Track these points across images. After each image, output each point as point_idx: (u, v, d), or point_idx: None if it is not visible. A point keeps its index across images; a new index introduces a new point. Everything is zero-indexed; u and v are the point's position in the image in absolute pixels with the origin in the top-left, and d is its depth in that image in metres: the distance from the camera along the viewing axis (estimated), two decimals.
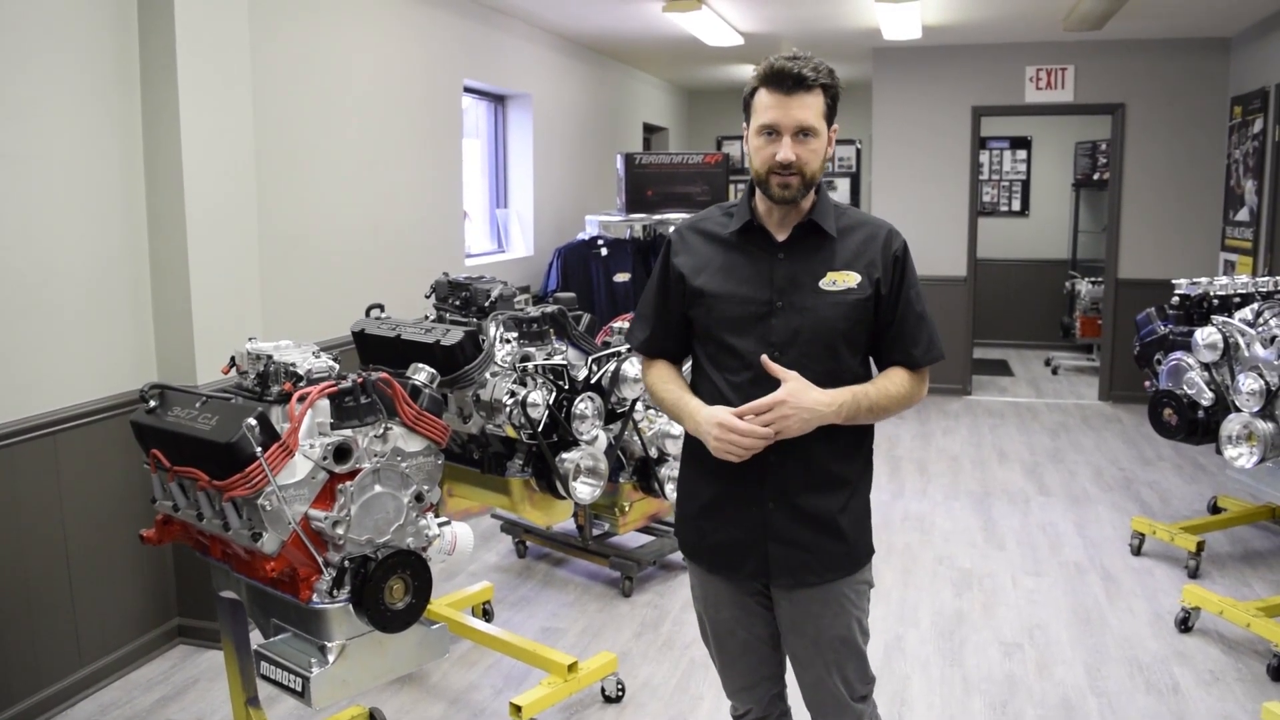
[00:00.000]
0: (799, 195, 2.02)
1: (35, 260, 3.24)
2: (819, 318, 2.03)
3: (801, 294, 2.04)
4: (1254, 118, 6.95)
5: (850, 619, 2.13)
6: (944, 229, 8.11)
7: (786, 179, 1.99)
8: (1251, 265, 6.82)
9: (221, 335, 3.70)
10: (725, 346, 2.08)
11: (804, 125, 1.98)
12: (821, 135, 2.01)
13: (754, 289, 2.07)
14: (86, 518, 3.46)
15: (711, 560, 2.18)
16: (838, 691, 2.16)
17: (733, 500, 2.11)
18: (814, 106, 1.99)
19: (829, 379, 2.01)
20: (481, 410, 2.95)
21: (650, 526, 4.55)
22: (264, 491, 2.12)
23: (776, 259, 2.07)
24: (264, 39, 4.15)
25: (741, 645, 2.23)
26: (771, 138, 2.00)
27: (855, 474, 2.13)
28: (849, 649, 2.15)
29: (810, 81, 1.98)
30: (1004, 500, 5.58)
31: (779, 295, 2.05)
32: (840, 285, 2.04)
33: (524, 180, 7.29)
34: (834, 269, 2.05)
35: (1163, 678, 3.56)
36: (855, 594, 2.14)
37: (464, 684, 3.56)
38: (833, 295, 2.03)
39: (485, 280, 3.47)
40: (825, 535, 2.08)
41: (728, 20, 7.01)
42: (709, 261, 2.13)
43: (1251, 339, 3.77)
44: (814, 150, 2.00)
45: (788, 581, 2.11)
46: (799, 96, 1.97)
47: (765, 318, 2.05)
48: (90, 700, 3.44)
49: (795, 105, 1.97)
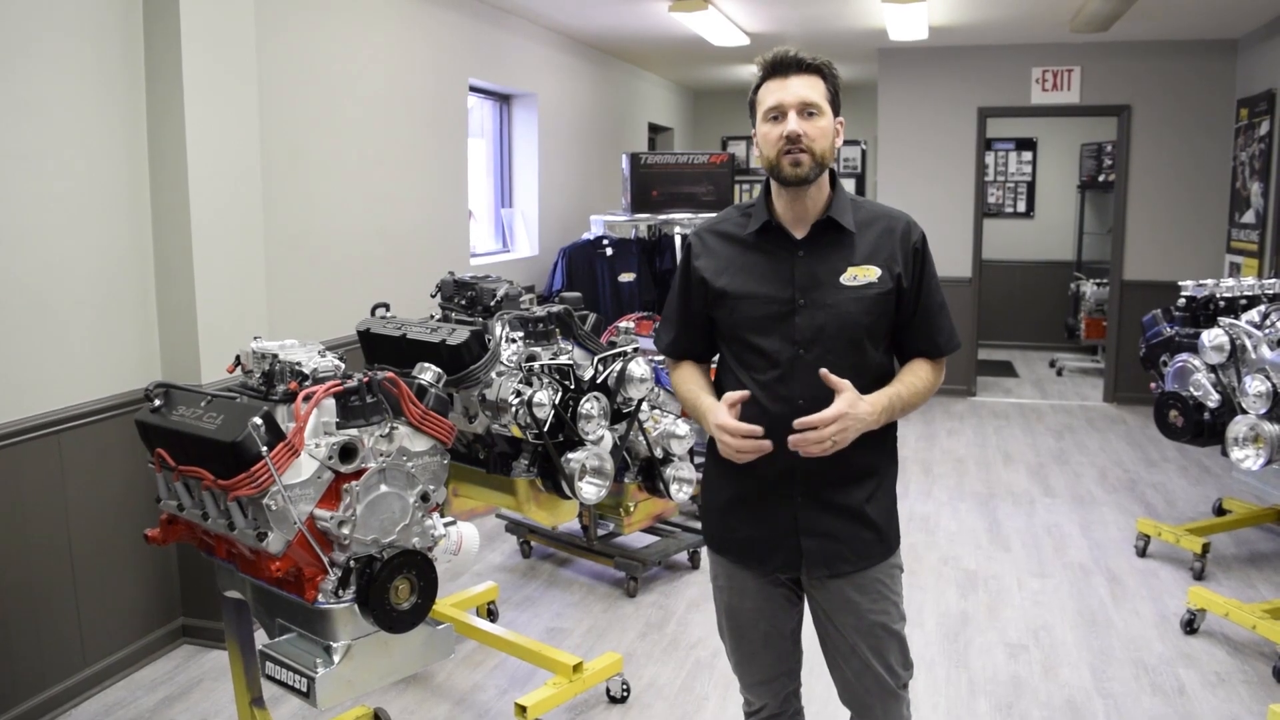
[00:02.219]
0: (810, 174, 2.02)
1: (40, 259, 3.24)
2: (842, 313, 2.04)
3: (823, 291, 2.05)
4: (1260, 120, 6.93)
5: (889, 604, 2.15)
6: (949, 230, 8.09)
7: (797, 155, 2.00)
8: (1257, 267, 6.80)
9: (226, 334, 3.70)
10: (750, 346, 2.09)
11: (807, 101, 2.01)
12: (827, 115, 2.03)
13: (776, 288, 2.07)
14: (91, 517, 3.46)
15: (739, 554, 2.19)
16: (883, 680, 2.16)
17: (761, 496, 2.12)
18: (815, 86, 2.03)
19: (854, 373, 2.01)
20: (487, 410, 2.94)
21: (655, 527, 4.54)
22: (269, 491, 2.12)
23: (796, 257, 2.08)
24: (269, 38, 4.15)
25: (763, 638, 2.22)
26: (777, 120, 2.03)
27: (883, 464, 2.16)
28: (890, 635, 2.15)
29: (808, 63, 2.03)
30: (1009, 501, 5.57)
31: (801, 293, 2.06)
32: (861, 280, 2.05)
33: (529, 180, 7.29)
34: (854, 264, 2.06)
35: (1168, 679, 3.55)
36: (890, 579, 2.16)
37: (469, 684, 3.56)
38: (854, 290, 2.04)
39: (491, 280, 3.47)
40: (856, 525, 2.10)
41: (734, 20, 7.01)
42: (730, 263, 2.14)
43: (1258, 341, 3.76)
44: (821, 128, 2.02)
45: (822, 573, 2.12)
46: (798, 76, 2.03)
47: (789, 316, 2.05)
48: (94, 700, 3.44)
49: (795, 84, 2.02)
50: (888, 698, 2.18)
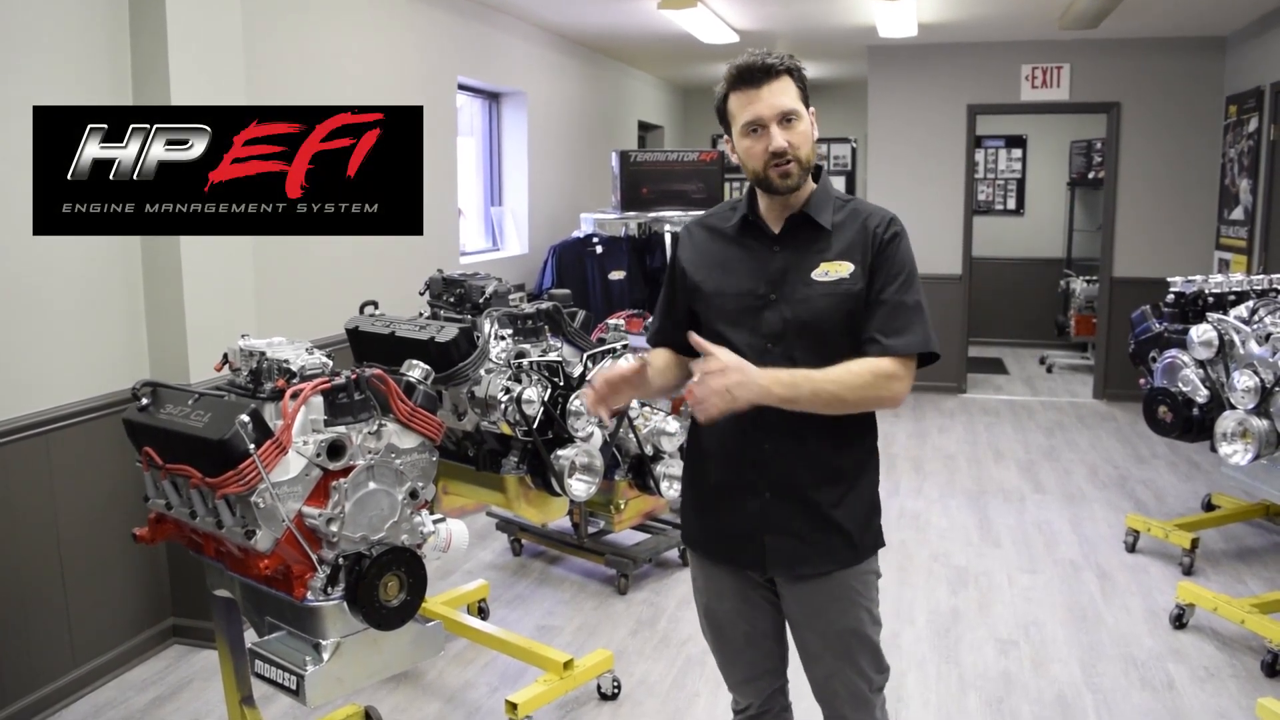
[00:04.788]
0: (799, 182, 2.02)
1: (27, 258, 3.22)
2: (811, 309, 2.01)
3: (794, 286, 2.03)
4: (1249, 116, 6.96)
5: (859, 610, 2.12)
6: (939, 227, 8.10)
7: (784, 168, 2.00)
8: (1246, 264, 6.82)
9: (214, 332, 3.68)
10: (722, 339, 2.06)
11: (785, 110, 1.99)
12: (804, 117, 2.02)
13: (750, 282, 2.07)
14: (79, 517, 3.45)
15: (710, 549, 2.19)
16: (854, 684, 2.14)
17: (731, 490, 2.12)
18: (788, 91, 2.00)
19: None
20: (476, 407, 2.94)
21: (646, 524, 4.54)
22: (257, 489, 2.11)
23: (772, 252, 2.08)
24: (257, 36, 4.13)
25: (744, 638, 2.22)
26: (758, 133, 2.01)
27: (854, 467, 2.11)
28: (861, 641, 2.13)
29: (777, 68, 2.00)
30: (999, 498, 5.58)
31: (772, 288, 2.05)
32: (833, 276, 2.02)
33: (519, 178, 7.27)
34: (827, 259, 2.03)
35: (1158, 674, 3.56)
36: (862, 585, 2.12)
37: (459, 682, 3.56)
38: (825, 286, 2.02)
39: (479, 277, 3.46)
40: (821, 528, 2.07)
41: (723, 18, 7.00)
42: (710, 256, 2.15)
43: (1246, 336, 3.77)
44: (801, 133, 2.01)
45: (784, 573, 2.10)
46: (770, 84, 1.99)
47: (759, 310, 2.05)
48: (84, 701, 3.43)
49: (770, 93, 1.99)
50: (858, 702, 2.15)
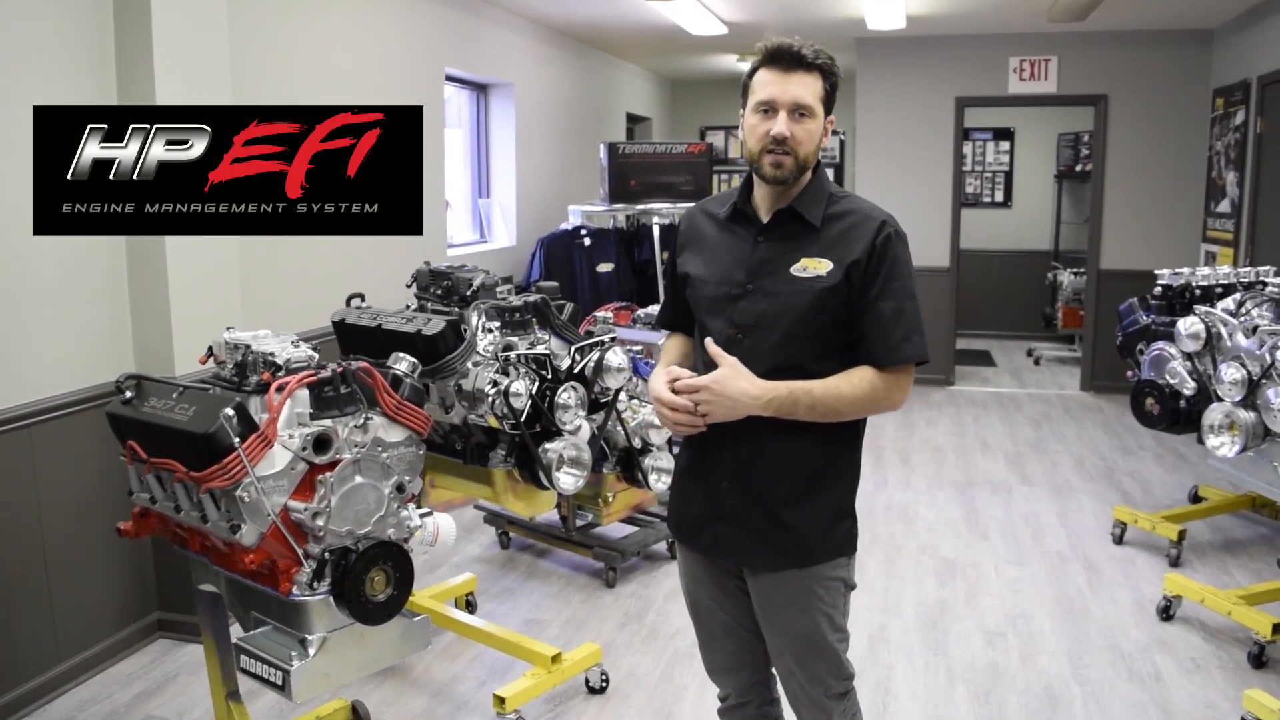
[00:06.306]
0: (790, 177, 2.00)
1: (9, 249, 3.19)
2: (784, 304, 1.99)
3: (772, 279, 2.02)
4: (1235, 109, 6.98)
5: (817, 615, 2.06)
6: (927, 220, 8.11)
7: (779, 157, 1.98)
8: (1233, 256, 6.85)
9: (199, 325, 3.65)
10: (704, 326, 2.10)
11: (800, 103, 1.97)
12: (818, 118, 2.00)
13: (731, 271, 2.07)
14: (63, 511, 3.42)
15: (678, 532, 2.22)
16: (808, 689, 2.12)
17: (696, 474, 2.14)
18: (812, 87, 1.98)
19: (785, 369, 1.97)
20: (464, 400, 2.92)
21: (634, 517, 4.53)
22: (242, 483, 2.10)
23: (756, 242, 2.07)
24: (243, 27, 4.10)
25: (722, 626, 2.22)
26: (767, 114, 1.98)
27: (821, 469, 2.06)
28: (815, 646, 2.08)
29: (809, 61, 1.97)
30: (987, 490, 5.60)
31: (751, 279, 2.04)
32: (811, 272, 1.99)
33: (507, 170, 7.25)
34: (809, 255, 2.01)
35: (1145, 666, 3.57)
36: (824, 589, 2.07)
37: (447, 676, 3.55)
38: (802, 282, 1.99)
39: (467, 269, 3.45)
40: (772, 524, 2.04)
41: (711, 9, 6.98)
42: (702, 243, 2.15)
43: (1233, 329, 3.78)
44: (809, 131, 1.99)
45: (733, 563, 2.12)
46: (798, 74, 1.97)
47: (735, 300, 2.05)
48: (69, 696, 3.40)
49: (793, 82, 1.97)
50: (814, 707, 2.13)
